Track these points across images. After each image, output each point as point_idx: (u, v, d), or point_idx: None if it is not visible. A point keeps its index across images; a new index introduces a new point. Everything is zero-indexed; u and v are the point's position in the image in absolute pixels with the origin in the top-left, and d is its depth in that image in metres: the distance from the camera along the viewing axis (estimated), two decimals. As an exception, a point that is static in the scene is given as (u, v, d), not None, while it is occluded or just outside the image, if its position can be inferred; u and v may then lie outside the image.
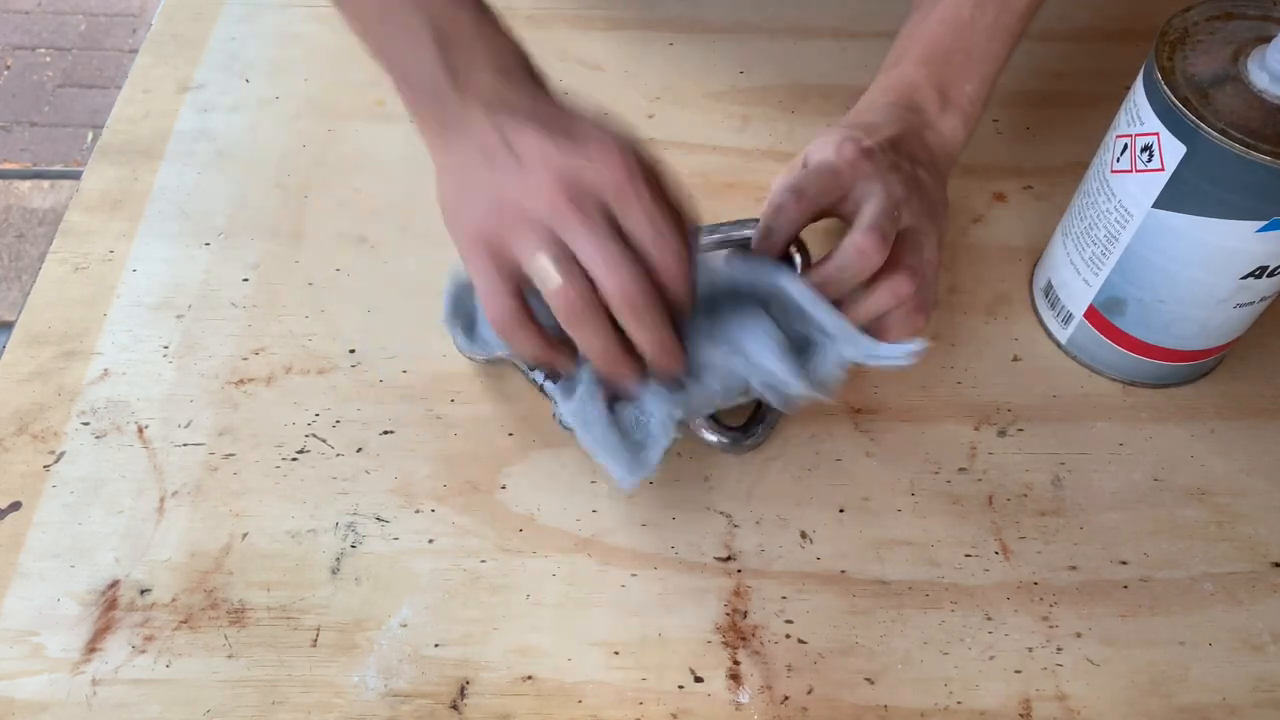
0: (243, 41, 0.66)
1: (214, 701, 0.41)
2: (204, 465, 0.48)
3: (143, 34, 1.42)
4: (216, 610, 0.43)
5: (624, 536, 0.46)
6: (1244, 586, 0.45)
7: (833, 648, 0.43)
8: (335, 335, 0.52)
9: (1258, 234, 0.43)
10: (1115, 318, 0.50)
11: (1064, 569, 0.46)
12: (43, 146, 1.85)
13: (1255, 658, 0.44)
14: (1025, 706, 0.42)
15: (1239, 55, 0.43)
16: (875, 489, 0.48)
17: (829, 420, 0.50)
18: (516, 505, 0.47)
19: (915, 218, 0.45)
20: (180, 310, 0.53)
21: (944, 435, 0.50)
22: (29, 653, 0.42)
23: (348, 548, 0.45)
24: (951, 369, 0.52)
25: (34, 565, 0.45)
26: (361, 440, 0.49)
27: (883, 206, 0.43)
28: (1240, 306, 0.47)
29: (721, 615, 0.44)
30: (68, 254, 0.55)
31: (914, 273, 0.44)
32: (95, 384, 0.50)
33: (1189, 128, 0.42)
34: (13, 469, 0.47)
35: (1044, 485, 0.48)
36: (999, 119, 0.63)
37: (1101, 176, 0.47)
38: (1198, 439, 0.50)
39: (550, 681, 0.42)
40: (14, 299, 1.64)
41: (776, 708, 0.42)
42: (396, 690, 0.42)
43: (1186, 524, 0.47)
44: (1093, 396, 0.51)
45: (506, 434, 0.49)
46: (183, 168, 0.59)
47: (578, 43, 0.66)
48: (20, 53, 1.99)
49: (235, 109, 0.62)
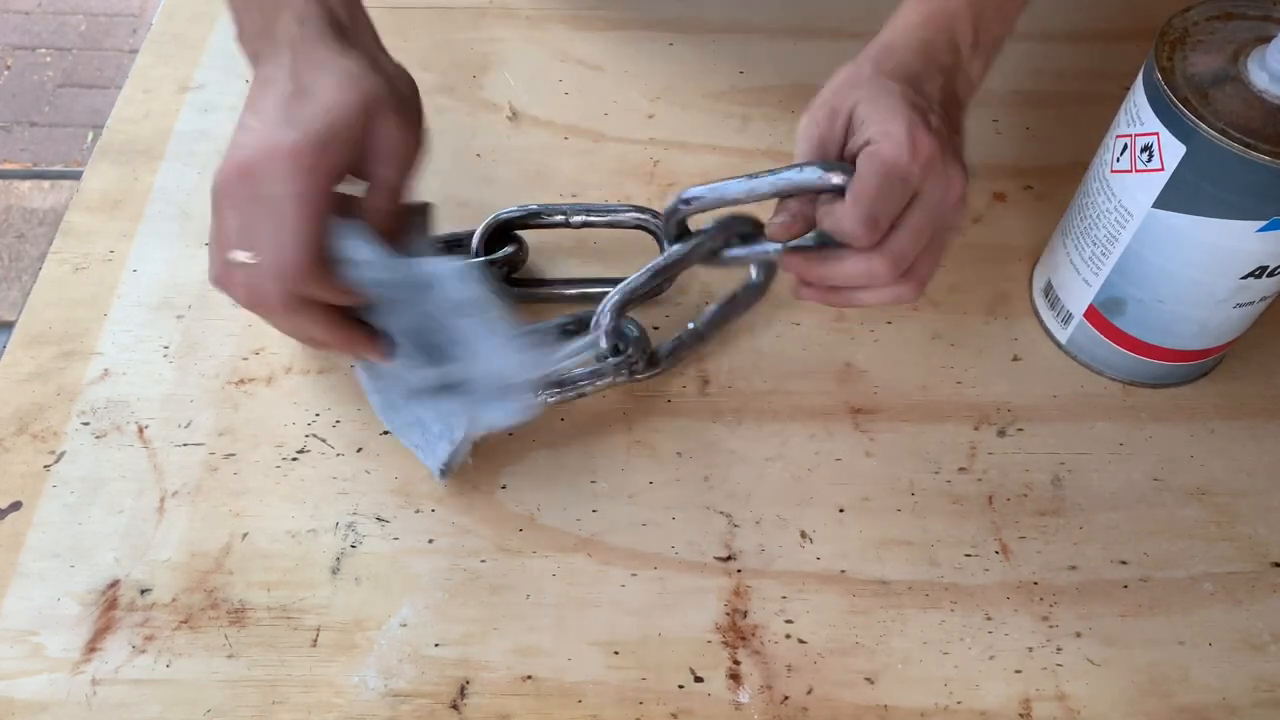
0: (243, 41, 0.66)
1: (214, 701, 0.41)
2: (204, 465, 0.48)
3: (143, 34, 1.42)
4: (216, 610, 0.43)
5: (624, 536, 0.46)
6: (1244, 586, 0.45)
7: (833, 648, 0.43)
8: (335, 335, 0.52)
9: (1258, 234, 0.43)
10: (1115, 318, 0.50)
11: (1064, 569, 0.46)
12: (43, 146, 1.85)
13: (1255, 658, 0.44)
14: (1025, 706, 0.42)
15: (1239, 55, 0.43)
16: (875, 489, 0.48)
17: (829, 420, 0.50)
18: (516, 505, 0.47)
19: (934, 191, 0.42)
20: (180, 310, 0.53)
21: (944, 435, 0.50)
22: (29, 653, 0.42)
23: (348, 548, 0.45)
24: (951, 369, 0.52)
25: (34, 565, 0.44)
26: (361, 440, 0.49)
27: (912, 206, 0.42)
28: (1240, 306, 0.47)
29: (721, 615, 0.44)
30: (68, 254, 0.55)
31: (898, 258, 0.42)
32: (95, 384, 0.50)
33: (1189, 128, 0.42)
34: (13, 469, 0.47)
35: (1044, 485, 0.48)
36: (999, 119, 0.63)
37: (1101, 176, 0.47)
38: (1198, 439, 0.50)
39: (550, 681, 0.42)
40: (14, 299, 1.64)
41: (776, 708, 0.42)
42: (396, 690, 0.42)
43: (1186, 524, 0.47)
44: (1093, 396, 0.51)
45: (506, 434, 0.49)
46: (183, 168, 0.59)
47: (578, 43, 0.66)
48: (20, 53, 1.99)
49: (235, 109, 0.61)
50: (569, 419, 0.50)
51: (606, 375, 0.48)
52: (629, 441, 0.49)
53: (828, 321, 0.53)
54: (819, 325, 0.53)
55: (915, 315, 0.54)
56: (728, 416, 0.50)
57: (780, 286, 0.54)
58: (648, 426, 0.49)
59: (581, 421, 0.50)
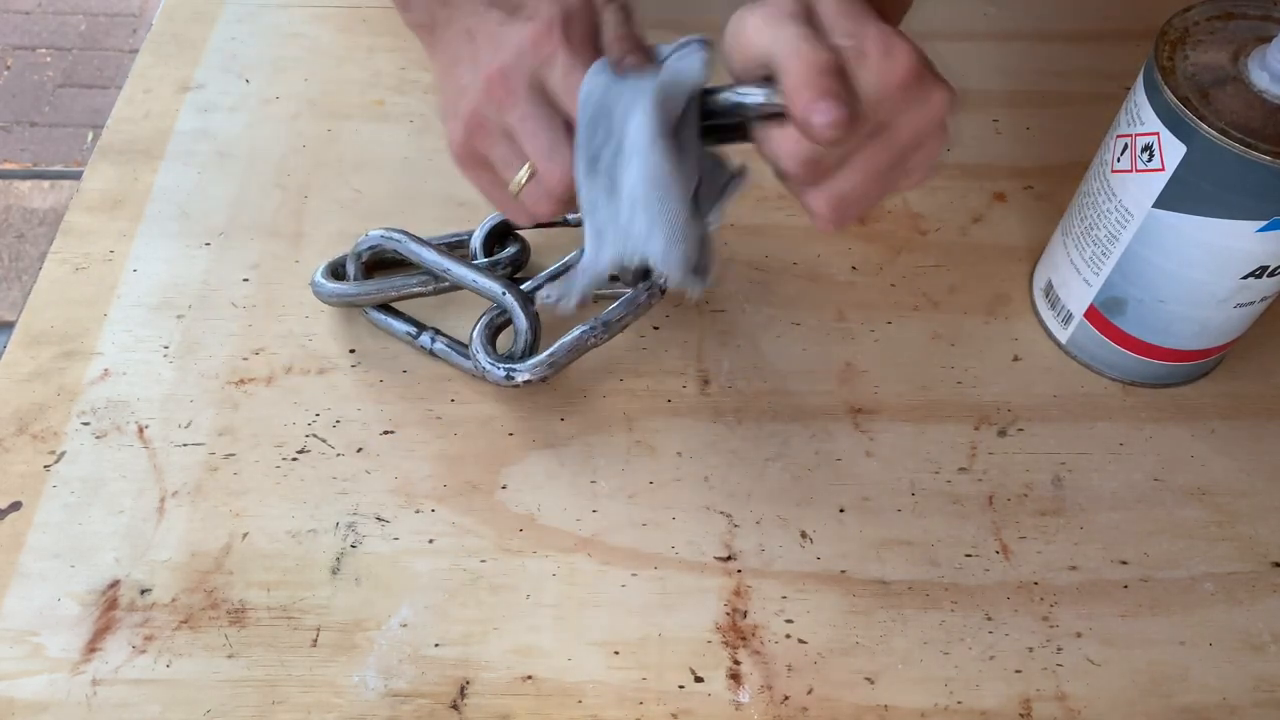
0: (243, 41, 0.66)
1: (214, 701, 0.41)
2: (204, 465, 0.48)
3: (143, 34, 1.42)
4: (216, 610, 0.43)
5: (624, 536, 0.46)
6: (1244, 586, 0.45)
7: (833, 648, 0.43)
8: (335, 335, 0.52)
9: (1258, 234, 0.43)
10: (1115, 318, 0.50)
11: (1064, 569, 0.46)
12: (43, 146, 1.85)
13: (1255, 658, 0.44)
14: (1025, 706, 0.42)
15: (1239, 55, 0.43)
16: (875, 489, 0.48)
17: (829, 420, 0.50)
18: (516, 505, 0.47)
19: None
20: (180, 310, 0.53)
21: (944, 435, 0.50)
22: (29, 653, 0.42)
23: (348, 548, 0.45)
24: (951, 369, 0.52)
25: (34, 565, 0.44)
26: (361, 440, 0.49)
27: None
28: (1240, 306, 0.47)
29: (721, 615, 0.44)
30: (68, 254, 0.55)
31: (838, 204, 0.36)
32: (95, 384, 0.50)
33: (1189, 128, 0.42)
34: (13, 469, 0.47)
35: (1044, 485, 0.48)
36: (999, 119, 0.63)
37: (1101, 176, 0.47)
38: (1198, 439, 0.50)
39: (550, 681, 0.42)
40: (14, 299, 1.64)
41: (776, 708, 0.42)
42: (396, 690, 0.42)
43: (1186, 524, 0.47)
44: (1093, 396, 0.51)
45: (506, 434, 0.49)
46: (183, 168, 0.59)
47: (578, 43, 0.66)
48: (20, 53, 1.99)
49: (235, 109, 0.62)
50: (569, 419, 0.50)
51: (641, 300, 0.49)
52: (629, 441, 0.49)
53: (828, 321, 0.54)
54: (819, 325, 0.53)
55: (915, 315, 0.54)
56: (728, 416, 0.50)
57: (781, 287, 0.54)
58: (648, 426, 0.49)
59: (581, 421, 0.50)
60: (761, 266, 0.55)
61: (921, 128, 0.35)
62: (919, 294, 0.55)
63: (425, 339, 0.50)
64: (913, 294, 0.55)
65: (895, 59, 0.34)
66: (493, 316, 0.49)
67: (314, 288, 0.52)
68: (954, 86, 0.35)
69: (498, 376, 0.48)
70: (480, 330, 0.48)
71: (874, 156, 0.36)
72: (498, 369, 0.47)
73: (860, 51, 0.34)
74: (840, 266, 0.56)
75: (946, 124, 0.36)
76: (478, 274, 0.48)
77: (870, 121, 0.34)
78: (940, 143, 0.36)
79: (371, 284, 0.50)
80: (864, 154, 0.36)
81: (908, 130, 0.35)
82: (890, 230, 0.57)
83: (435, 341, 0.50)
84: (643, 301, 0.49)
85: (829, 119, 0.33)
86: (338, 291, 0.51)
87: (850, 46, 0.34)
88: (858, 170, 0.36)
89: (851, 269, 0.56)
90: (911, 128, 0.35)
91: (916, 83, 0.34)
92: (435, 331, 0.51)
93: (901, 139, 0.35)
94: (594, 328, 0.48)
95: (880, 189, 0.37)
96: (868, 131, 0.35)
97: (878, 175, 0.36)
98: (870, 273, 0.56)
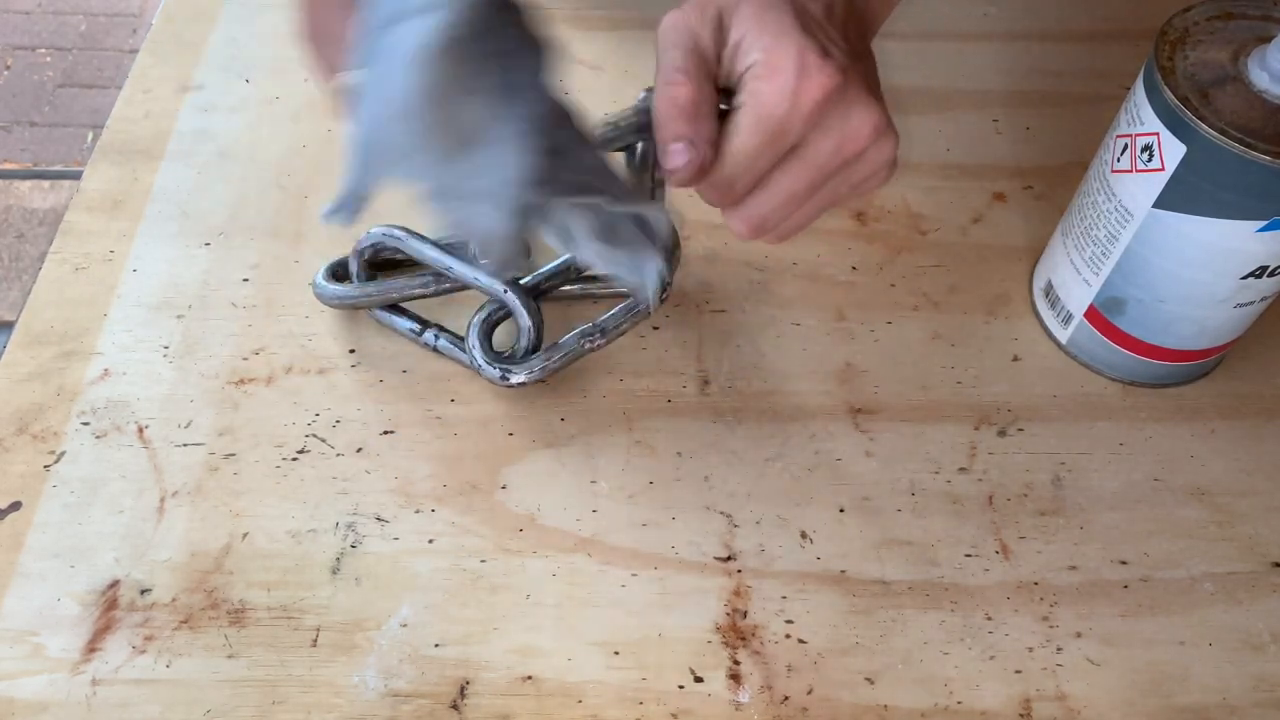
0: (243, 41, 0.66)
1: (214, 701, 0.41)
2: (204, 465, 0.48)
3: (143, 34, 1.42)
4: (216, 610, 0.43)
5: (624, 536, 0.46)
6: (1244, 586, 0.45)
7: (833, 648, 0.43)
8: (335, 335, 0.52)
9: (1258, 234, 0.43)
10: (1115, 318, 0.50)
11: (1064, 569, 0.46)
12: (43, 146, 1.85)
13: (1255, 658, 0.44)
14: (1025, 706, 0.42)
15: (1239, 55, 0.43)
16: (875, 489, 0.48)
17: (829, 420, 0.50)
18: (516, 505, 0.47)
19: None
20: (180, 310, 0.53)
21: (944, 435, 0.50)
22: (29, 653, 0.42)
23: (348, 548, 0.45)
24: (951, 369, 0.52)
25: (34, 565, 0.44)
26: (361, 440, 0.49)
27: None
28: (1240, 306, 0.47)
29: (721, 615, 0.44)
30: (68, 254, 0.55)
31: (756, 223, 0.35)
32: (95, 384, 0.50)
33: (1189, 128, 0.42)
34: (13, 469, 0.47)
35: (1044, 485, 0.48)
36: (999, 119, 0.63)
37: (1101, 176, 0.47)
38: (1198, 439, 0.50)
39: (550, 681, 0.42)
40: (14, 299, 1.64)
41: (776, 708, 0.42)
42: (396, 690, 0.42)
43: (1186, 524, 0.47)
44: (1093, 396, 0.51)
45: (506, 434, 0.49)
46: (183, 168, 0.59)
47: (578, 43, 0.66)
48: (20, 53, 2.00)
49: (235, 109, 0.62)
50: (569, 419, 0.50)
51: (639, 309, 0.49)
52: (629, 441, 0.49)
53: (828, 321, 0.53)
54: (819, 325, 0.53)
55: (915, 315, 0.54)
56: (728, 416, 0.50)
57: (781, 287, 0.54)
58: (648, 426, 0.49)
59: (581, 421, 0.50)
60: (761, 266, 0.55)
61: (844, 148, 0.34)
62: (919, 294, 0.55)
63: (429, 336, 0.50)
64: (913, 294, 0.55)
65: (807, 78, 0.32)
66: (490, 312, 0.49)
67: (315, 290, 0.52)
68: (881, 102, 0.34)
69: (493, 376, 0.48)
70: (477, 327, 0.48)
71: (792, 178, 0.34)
72: (494, 368, 0.48)
73: (771, 68, 0.32)
74: (840, 266, 0.56)
75: (881, 142, 0.34)
76: (479, 271, 0.48)
77: (777, 148, 0.33)
78: (878, 158, 0.34)
79: (373, 286, 0.50)
80: (781, 175, 0.34)
81: (827, 151, 0.34)
82: (890, 230, 0.57)
83: (439, 339, 0.50)
84: (641, 309, 0.49)
85: (680, 162, 0.33)
86: (339, 294, 0.51)
87: (755, 64, 0.32)
88: (774, 193, 0.35)
89: (851, 269, 0.56)
90: (831, 149, 0.34)
91: (831, 102, 0.32)
92: (439, 328, 0.51)
93: (820, 160, 0.34)
94: (592, 333, 0.48)
95: (809, 210, 0.36)
96: (782, 153, 0.34)
97: (795, 197, 0.35)
98: (870, 273, 0.56)
